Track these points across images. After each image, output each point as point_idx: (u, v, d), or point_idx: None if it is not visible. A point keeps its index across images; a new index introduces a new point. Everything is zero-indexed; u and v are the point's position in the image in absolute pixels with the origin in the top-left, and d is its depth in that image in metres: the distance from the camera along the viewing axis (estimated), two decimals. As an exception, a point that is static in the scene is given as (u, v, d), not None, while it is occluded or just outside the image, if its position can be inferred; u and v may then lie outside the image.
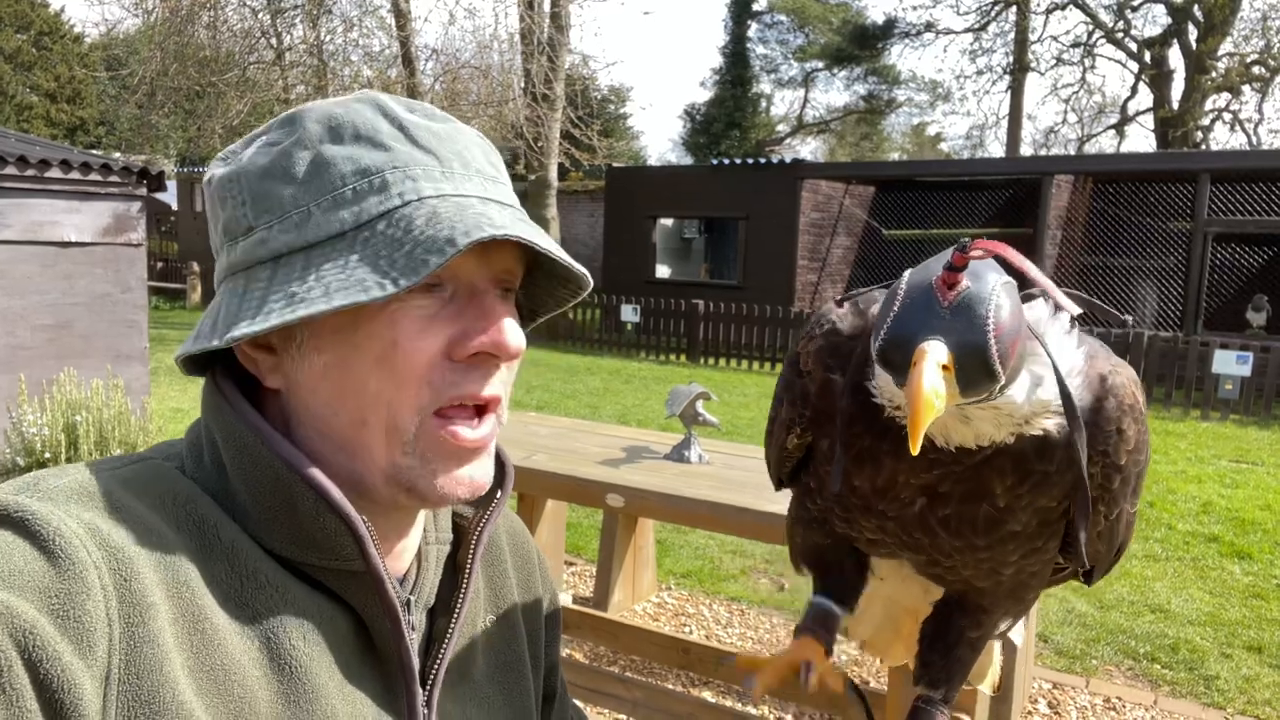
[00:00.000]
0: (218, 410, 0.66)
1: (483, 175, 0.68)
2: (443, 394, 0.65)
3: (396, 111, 0.67)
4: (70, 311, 5.69)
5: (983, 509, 0.78)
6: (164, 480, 0.64)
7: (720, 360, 13.19)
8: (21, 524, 0.54)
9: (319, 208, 0.64)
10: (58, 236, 5.57)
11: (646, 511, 2.63)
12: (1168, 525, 5.70)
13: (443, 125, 0.69)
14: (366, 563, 0.64)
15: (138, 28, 18.46)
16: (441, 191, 0.65)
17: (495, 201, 0.67)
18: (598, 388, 10.53)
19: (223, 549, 0.62)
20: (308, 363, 0.66)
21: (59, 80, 30.20)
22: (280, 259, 0.64)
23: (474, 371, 0.66)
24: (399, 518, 0.71)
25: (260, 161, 0.66)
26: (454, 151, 0.67)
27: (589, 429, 3.41)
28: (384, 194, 0.64)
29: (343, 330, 0.64)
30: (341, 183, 0.64)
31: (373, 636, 0.67)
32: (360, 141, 0.65)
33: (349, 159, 0.64)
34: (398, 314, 0.64)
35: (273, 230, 0.65)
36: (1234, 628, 4.17)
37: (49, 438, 4.49)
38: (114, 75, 20.82)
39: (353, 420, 0.65)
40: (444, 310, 0.65)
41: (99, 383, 4.78)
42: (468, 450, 0.67)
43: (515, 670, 0.83)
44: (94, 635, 0.52)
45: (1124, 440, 0.77)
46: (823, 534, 0.92)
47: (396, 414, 0.64)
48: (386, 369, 0.64)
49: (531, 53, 15.20)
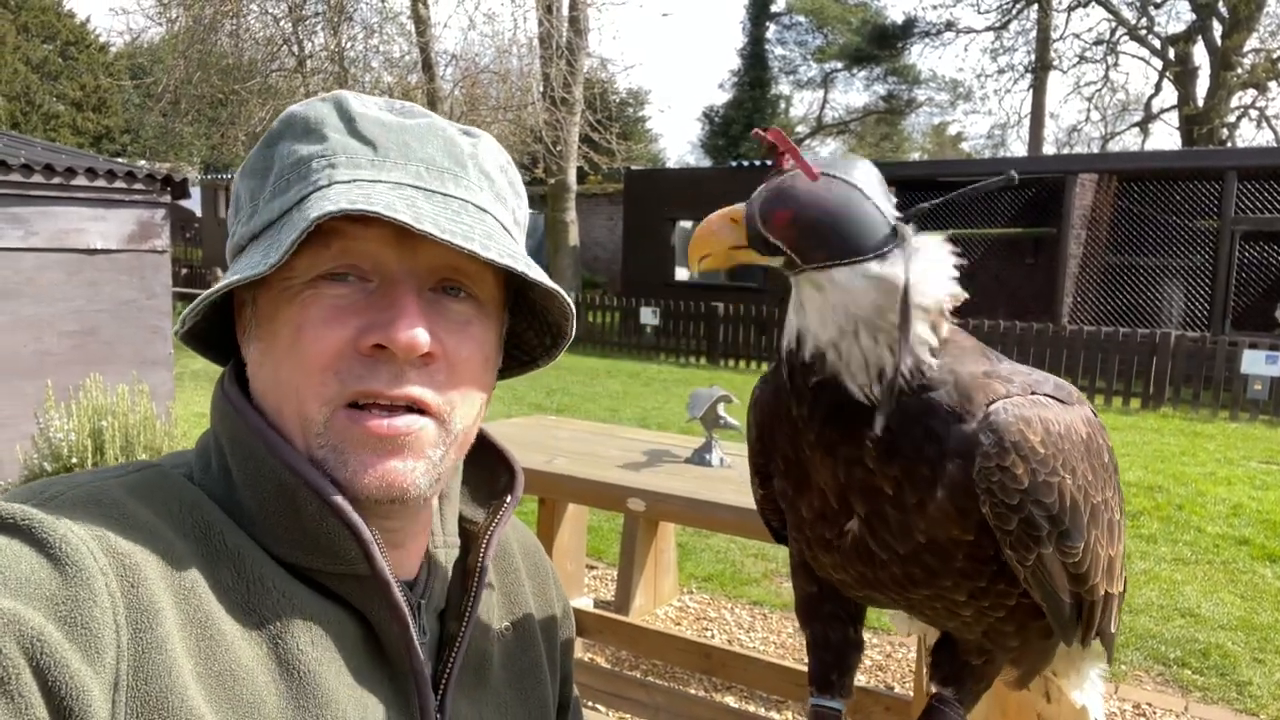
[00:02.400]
0: (223, 415, 0.67)
1: (429, 165, 0.66)
2: (348, 386, 0.63)
3: (351, 106, 0.67)
4: (96, 318, 5.75)
5: (890, 513, 0.76)
6: (169, 487, 0.63)
7: (740, 362, 13.16)
8: (28, 531, 0.54)
9: (264, 199, 0.66)
10: (84, 244, 5.63)
11: (668, 515, 2.62)
12: (1197, 528, 5.61)
13: (407, 120, 0.68)
14: (372, 567, 0.64)
15: (161, 36, 18.67)
16: (357, 178, 0.64)
17: (426, 190, 0.65)
18: (617, 391, 10.53)
19: (228, 554, 0.61)
20: (251, 351, 0.68)
21: (85, 89, 30.62)
22: (243, 250, 0.67)
23: (381, 366, 0.63)
24: (399, 518, 0.70)
25: (244, 164, 0.70)
26: (400, 142, 0.66)
27: (609, 432, 3.40)
28: (304, 181, 0.64)
29: (269, 319, 0.66)
30: (280, 175, 0.66)
31: (382, 641, 0.67)
32: (307, 135, 0.66)
33: (291, 152, 0.66)
34: (309, 301, 0.64)
35: (238, 224, 0.68)
36: (1266, 632, 4.10)
37: (76, 443, 4.54)
38: (138, 84, 21.10)
39: (276, 409, 0.65)
40: (360, 301, 0.64)
41: (124, 388, 4.83)
42: (378, 440, 0.63)
43: (533, 675, 0.82)
44: (101, 642, 0.52)
45: (1012, 480, 0.73)
46: (809, 580, 0.91)
47: (304, 403, 0.64)
48: (295, 356, 0.64)
49: (550, 57, 15.25)
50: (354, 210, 0.59)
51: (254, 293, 0.67)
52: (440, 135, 0.68)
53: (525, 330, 0.79)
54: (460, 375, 0.67)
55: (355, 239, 0.64)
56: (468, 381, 0.68)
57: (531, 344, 0.80)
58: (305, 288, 0.64)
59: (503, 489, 0.79)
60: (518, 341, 0.80)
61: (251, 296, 0.67)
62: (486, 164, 0.70)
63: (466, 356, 0.67)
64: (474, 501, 0.80)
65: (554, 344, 0.79)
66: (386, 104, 0.70)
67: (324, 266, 0.64)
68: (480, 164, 0.70)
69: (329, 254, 0.64)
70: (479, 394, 0.70)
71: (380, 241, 0.64)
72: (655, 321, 13.88)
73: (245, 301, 0.68)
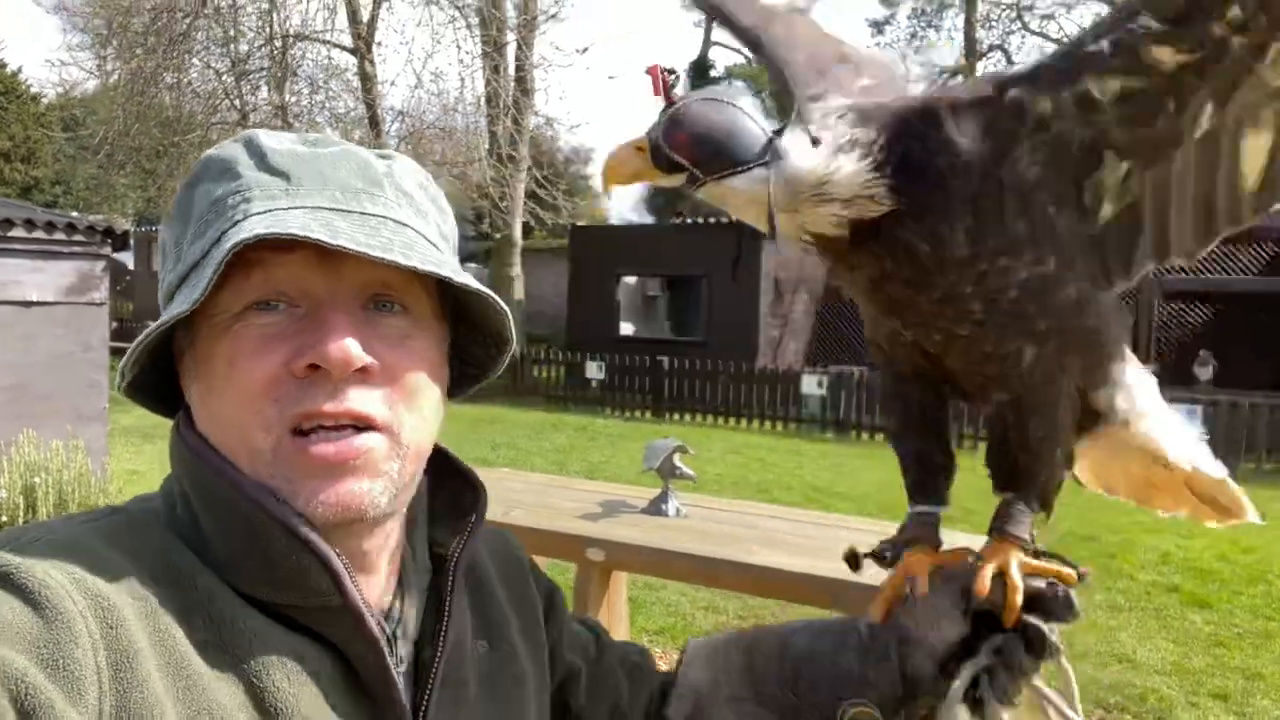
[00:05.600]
0: (182, 459, 0.67)
1: (344, 188, 0.67)
2: (287, 410, 0.63)
3: (262, 142, 0.68)
4: (29, 372, 5.59)
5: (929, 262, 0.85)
6: (139, 532, 0.64)
7: (686, 416, 13.24)
8: (6, 577, 0.54)
9: (187, 242, 0.67)
10: (20, 296, 5.50)
11: (628, 565, 2.64)
12: (1130, 576, 5.79)
13: (320, 149, 0.69)
14: (344, 597, 0.64)
15: (97, 88, 18.44)
16: (272, 208, 0.64)
17: (343, 210, 0.66)
18: (564, 444, 10.49)
19: (199, 597, 0.62)
20: (193, 394, 0.68)
21: (14, 140, 29.93)
22: (172, 297, 0.67)
23: (317, 386, 0.63)
24: (365, 544, 0.69)
25: (169, 211, 0.71)
26: (314, 171, 0.67)
27: (564, 484, 3.42)
28: (221, 219, 0.65)
29: (205, 358, 0.66)
30: (199, 217, 0.67)
31: (359, 673, 0.66)
32: (222, 175, 0.67)
33: (206, 194, 0.67)
34: (240, 333, 0.64)
35: (166, 271, 0.70)
36: (1199, 676, 4.23)
37: (6, 500, 4.38)
38: (71, 136, 20.71)
39: (223, 445, 0.65)
40: (290, 326, 0.64)
41: (59, 444, 4.69)
42: (327, 462, 0.64)
43: (514, 696, 0.80)
44: (84, 683, 0.52)
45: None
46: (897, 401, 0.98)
47: (247, 433, 0.64)
48: (232, 389, 0.64)
49: (497, 115, 15.43)
50: (269, 235, 0.59)
51: (190, 336, 0.67)
52: (354, 158, 0.69)
53: (470, 344, 0.79)
54: (403, 386, 0.67)
55: (277, 266, 0.64)
56: (412, 392, 0.68)
57: (479, 357, 0.81)
58: (234, 320, 0.64)
59: (468, 508, 0.79)
60: (465, 356, 0.80)
61: (189, 340, 0.67)
62: (404, 182, 0.71)
63: (405, 367, 0.67)
64: (442, 524, 0.79)
65: (499, 352, 0.79)
66: (299, 138, 0.71)
67: (250, 297, 0.64)
68: (397, 182, 0.70)
69: (251, 285, 0.64)
70: (427, 405, 0.69)
71: (303, 265, 0.64)
72: (601, 375, 13.91)
73: (184, 348, 0.68)
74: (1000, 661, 0.83)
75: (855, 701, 0.87)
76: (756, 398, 12.78)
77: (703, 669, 0.95)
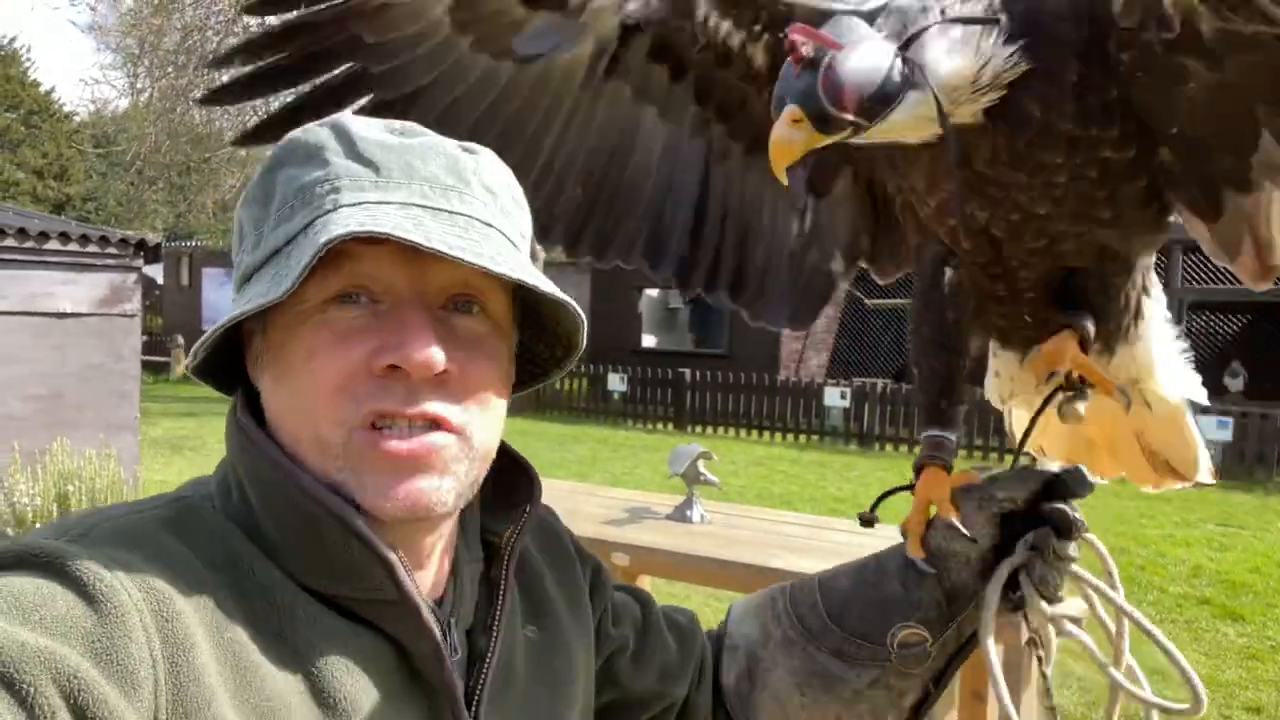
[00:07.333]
0: (239, 447, 0.67)
1: (433, 183, 0.66)
2: (363, 406, 0.63)
3: (352, 130, 0.67)
4: (63, 381, 5.69)
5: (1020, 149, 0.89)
6: (200, 519, 0.64)
7: (708, 428, 13.22)
8: (61, 570, 0.54)
9: (269, 227, 0.67)
10: (53, 308, 5.61)
11: (653, 569, 2.65)
12: (1160, 588, 5.71)
13: (408, 139, 0.68)
14: (399, 590, 0.64)
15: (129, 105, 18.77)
16: (362, 200, 0.64)
17: (432, 209, 0.65)
18: (586, 456, 10.50)
19: (259, 586, 0.62)
20: (265, 380, 0.68)
21: (46, 157, 30.52)
22: (250, 280, 0.67)
23: (395, 385, 0.63)
24: (423, 539, 0.70)
25: (245, 193, 0.70)
26: (402, 162, 0.66)
27: (589, 490, 3.44)
28: (309, 207, 0.65)
29: (280, 346, 0.66)
30: (283, 202, 0.66)
31: (414, 662, 0.67)
32: (308, 161, 0.66)
33: (292, 179, 0.66)
34: (320, 326, 0.64)
35: (243, 255, 0.69)
36: (1231, 689, 4.17)
37: (41, 507, 4.46)
38: (103, 153, 21.07)
39: (294, 434, 0.65)
40: (371, 323, 0.64)
41: (92, 452, 4.77)
42: (398, 459, 0.64)
43: (562, 678, 0.81)
44: (138, 677, 0.52)
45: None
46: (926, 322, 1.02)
47: (319, 425, 0.64)
48: (309, 380, 0.64)
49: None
50: (363, 233, 0.59)
51: (263, 321, 0.67)
52: (442, 153, 0.68)
53: (534, 343, 0.79)
54: (476, 390, 0.67)
55: (364, 261, 0.64)
56: (484, 396, 0.68)
57: (542, 356, 0.80)
58: (316, 312, 0.64)
59: (522, 498, 0.79)
60: (527, 355, 0.80)
61: (261, 325, 0.67)
62: (489, 180, 0.70)
63: (480, 371, 0.67)
64: (494, 513, 0.79)
65: (565, 355, 0.78)
66: (386, 125, 0.69)
67: (334, 290, 0.64)
68: (483, 180, 0.70)
69: (338, 277, 0.64)
70: (496, 408, 0.70)
71: (390, 262, 0.64)
72: (623, 388, 13.92)
73: (254, 330, 0.68)
74: (1035, 554, 0.87)
75: (904, 625, 0.90)
76: (779, 410, 12.75)
77: (751, 622, 0.98)
